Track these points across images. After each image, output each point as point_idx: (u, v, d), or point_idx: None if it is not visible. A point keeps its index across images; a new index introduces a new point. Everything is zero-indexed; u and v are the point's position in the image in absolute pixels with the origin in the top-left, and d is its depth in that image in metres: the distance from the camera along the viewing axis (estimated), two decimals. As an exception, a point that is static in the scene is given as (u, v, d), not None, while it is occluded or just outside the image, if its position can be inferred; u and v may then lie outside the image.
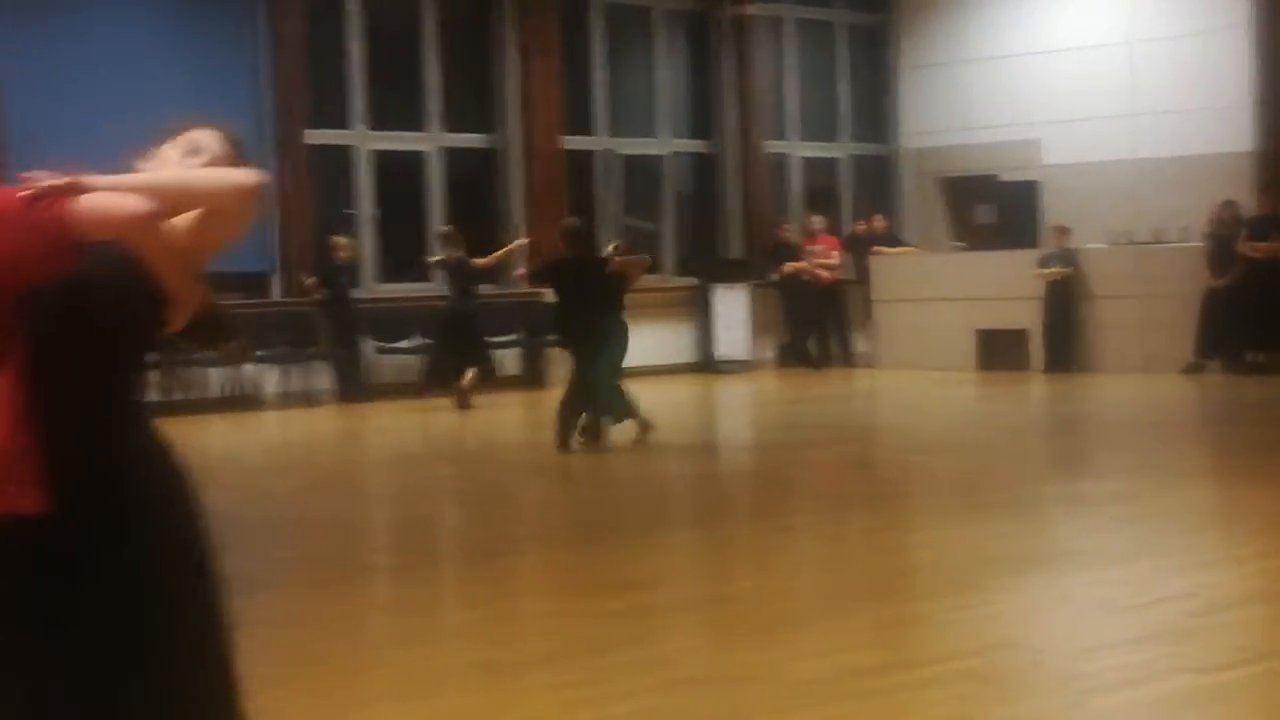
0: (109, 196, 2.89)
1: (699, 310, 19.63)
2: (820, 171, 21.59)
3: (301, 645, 5.87)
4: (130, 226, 2.89)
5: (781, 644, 5.80)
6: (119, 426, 3.01)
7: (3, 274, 2.81)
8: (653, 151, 20.19)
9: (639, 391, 12.35)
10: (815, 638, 5.88)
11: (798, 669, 5.36)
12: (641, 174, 20.13)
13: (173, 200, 2.98)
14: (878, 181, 21.78)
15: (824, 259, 19.60)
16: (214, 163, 3.26)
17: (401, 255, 18.56)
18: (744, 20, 20.48)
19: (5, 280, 2.81)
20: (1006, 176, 20.14)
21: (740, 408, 17.05)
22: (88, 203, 2.86)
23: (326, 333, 17.31)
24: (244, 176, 3.15)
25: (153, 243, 2.93)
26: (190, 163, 3.28)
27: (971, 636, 5.90)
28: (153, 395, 16.17)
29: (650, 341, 19.47)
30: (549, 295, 13.72)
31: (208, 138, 3.37)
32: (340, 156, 18.11)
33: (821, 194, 21.45)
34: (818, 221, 19.98)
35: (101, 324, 2.95)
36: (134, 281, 2.95)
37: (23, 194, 2.86)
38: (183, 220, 3.02)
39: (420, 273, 17.82)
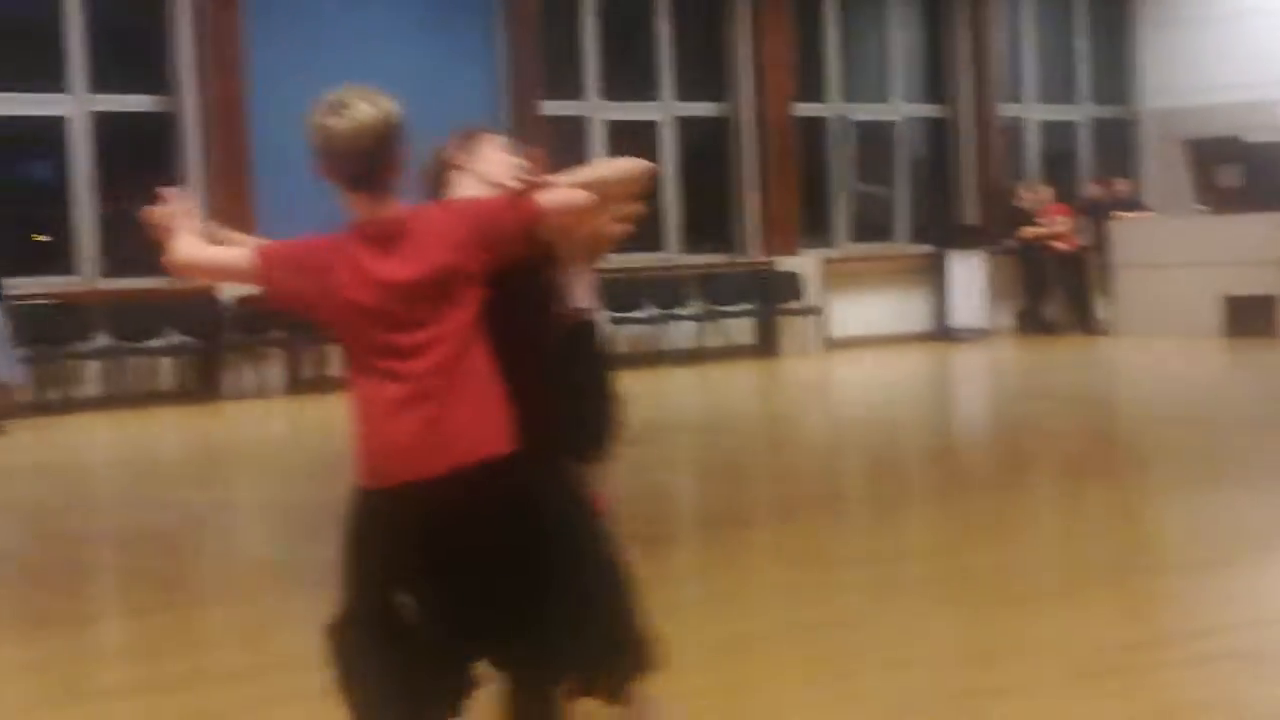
0: (566, 192, 3.83)
1: (934, 278, 19.42)
2: (1058, 135, 21.19)
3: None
4: (582, 214, 3.92)
5: (1029, 619, 5.72)
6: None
7: (494, 250, 3.71)
8: (886, 117, 20.01)
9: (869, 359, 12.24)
10: (1063, 613, 5.79)
11: (1048, 645, 5.28)
12: (874, 140, 19.96)
13: (600, 190, 3.94)
14: (1117, 144, 21.31)
15: (1058, 229, 19.31)
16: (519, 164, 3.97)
17: (638, 225, 18.65)
18: (979, -18, 20.18)
19: (495, 255, 3.71)
20: (1252, 137, 19.53)
21: (977, 377, 16.83)
22: (552, 197, 3.78)
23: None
24: (643, 164, 4.21)
25: (587, 224, 4.02)
26: (510, 160, 4.08)
27: (1229, 612, 5.75)
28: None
29: (884, 310, 19.38)
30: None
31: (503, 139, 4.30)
32: (574, 127, 18.27)
33: (1059, 158, 21.07)
34: (1044, 192, 19.66)
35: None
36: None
37: (509, 187, 3.79)
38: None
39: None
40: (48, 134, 15.67)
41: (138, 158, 16.56)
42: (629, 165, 4.17)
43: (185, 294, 15.73)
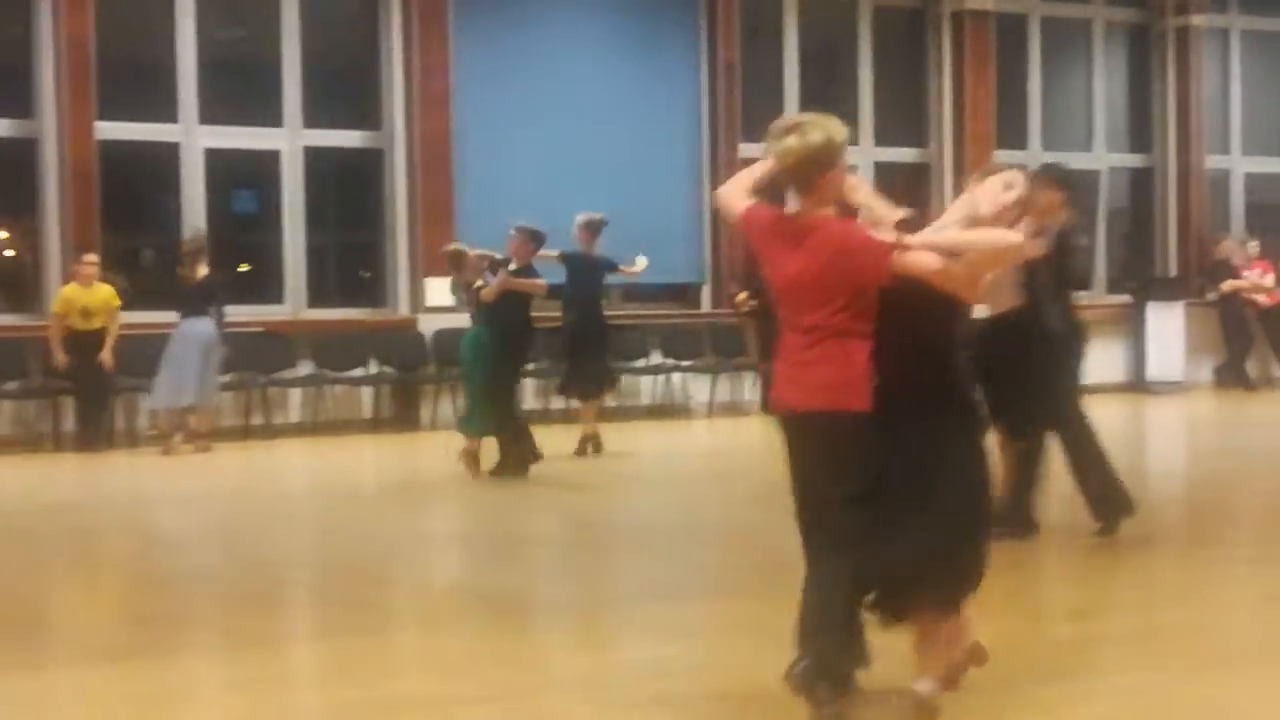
0: (919, 256, 4.90)
1: (1132, 328, 19.12)
2: (1266, 187, 20.76)
3: (738, 654, 5.99)
4: (929, 277, 4.90)
5: (1235, 683, 5.62)
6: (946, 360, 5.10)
7: (853, 278, 4.89)
8: (1087, 165, 19.79)
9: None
10: (1259, 678, 5.69)
11: (1241, 713, 5.20)
12: (1076, 188, 19.72)
13: (963, 253, 4.92)
14: (1327, 198, 20.84)
15: (1261, 282, 18.94)
16: (1019, 201, 5.23)
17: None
18: (1187, 31, 19.87)
19: (867, 282, 4.89)
20: None
21: (1173, 431, 16.54)
22: (907, 257, 4.89)
23: (754, 344, 17.57)
24: (1013, 238, 5.14)
25: (940, 279, 4.91)
26: (1004, 197, 5.18)
27: None
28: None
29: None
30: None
31: (1018, 178, 5.26)
32: (773, 170, 18.37)
33: (1264, 211, 20.64)
34: (1252, 247, 19.30)
35: (907, 308, 4.91)
36: (927, 290, 4.95)
37: (875, 240, 4.94)
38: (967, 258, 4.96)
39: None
40: (261, 167, 16.15)
41: (346, 191, 17.00)
42: (999, 240, 5.10)
43: (387, 325, 16.11)
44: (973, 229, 5.08)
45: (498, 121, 16.62)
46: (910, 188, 18.87)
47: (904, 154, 18.88)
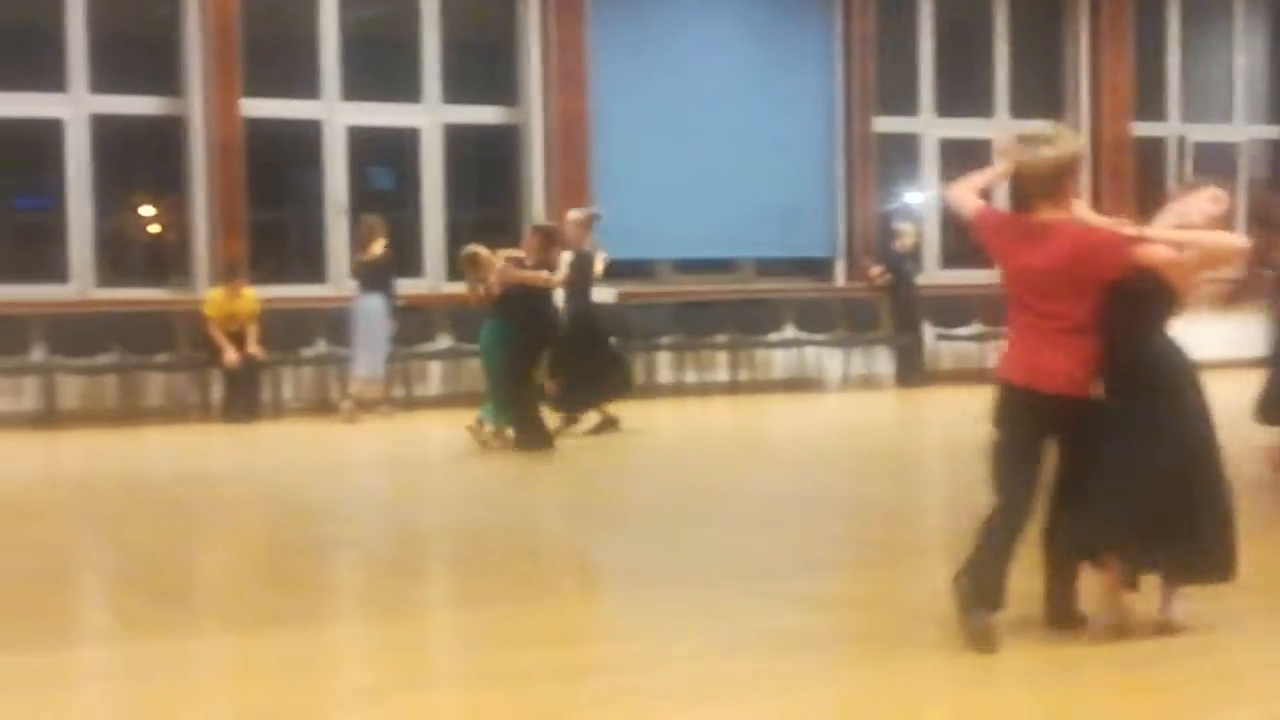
0: (1157, 247, 5.53)
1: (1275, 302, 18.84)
2: None
3: (860, 624, 6.07)
4: (1160, 268, 5.51)
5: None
6: (1149, 348, 5.65)
7: (1091, 272, 5.51)
8: (1227, 138, 19.53)
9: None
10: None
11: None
12: (1213, 161, 19.47)
13: (1190, 250, 5.54)
14: None
15: None
16: (1219, 214, 5.67)
17: (961, 243, 18.64)
18: (1331, 0, 19.56)
19: (1109, 274, 5.51)
20: None
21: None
22: (1142, 250, 5.51)
23: (888, 318, 17.59)
24: (1237, 242, 5.85)
25: (1171, 272, 5.53)
26: (1212, 210, 5.68)
27: None
28: (722, 375, 16.92)
29: (1220, 334, 18.87)
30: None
31: (1223, 195, 5.74)
32: (906, 144, 18.34)
33: None
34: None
35: (1135, 300, 5.55)
36: (1152, 282, 5.57)
37: (1117, 233, 5.59)
38: (1188, 253, 5.58)
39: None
40: (401, 144, 16.41)
41: (484, 169, 17.22)
42: (1226, 241, 5.75)
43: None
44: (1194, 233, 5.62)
45: (632, 97, 16.76)
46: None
47: (1040, 126, 18.72)
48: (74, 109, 15.02)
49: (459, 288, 16.11)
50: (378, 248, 14.59)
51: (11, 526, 8.90)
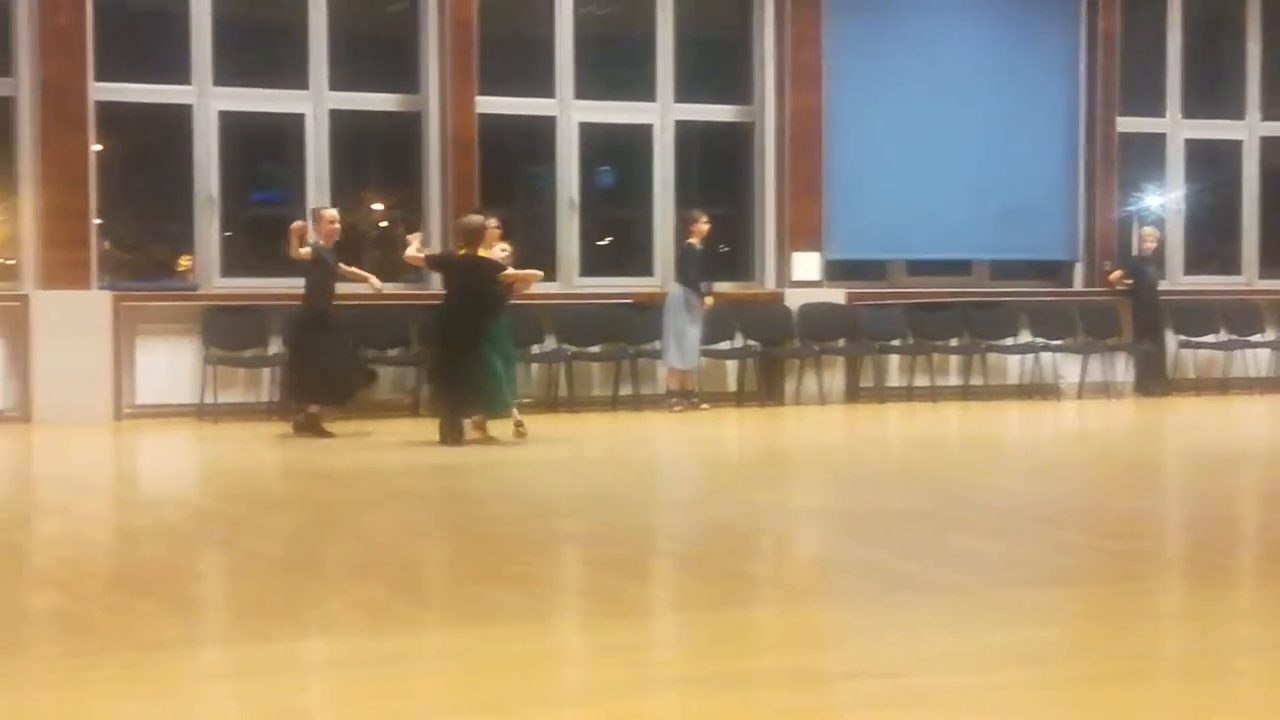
0: None
1: None
2: None
3: (1101, 640, 5.85)
4: None
5: None
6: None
7: None
8: None
9: None
10: None
11: None
12: None
13: None
14: None
15: None
16: None
17: (1206, 248, 18.13)
18: None
19: None
20: None
21: None
22: None
23: (1129, 324, 17.11)
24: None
25: None
26: None
27: None
28: (954, 380, 16.61)
29: None
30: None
31: None
32: (1150, 144, 17.84)
33: None
34: None
35: None
36: None
37: None
38: None
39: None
40: (632, 141, 16.42)
41: (712, 166, 17.16)
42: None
43: (756, 299, 16.22)
44: None
45: (867, 94, 16.55)
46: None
47: (1292, 128, 18.11)
48: (314, 105, 15.29)
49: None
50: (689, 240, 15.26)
51: (253, 516, 9.04)
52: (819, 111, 16.32)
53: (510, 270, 12.76)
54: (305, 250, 13.06)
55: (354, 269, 13.72)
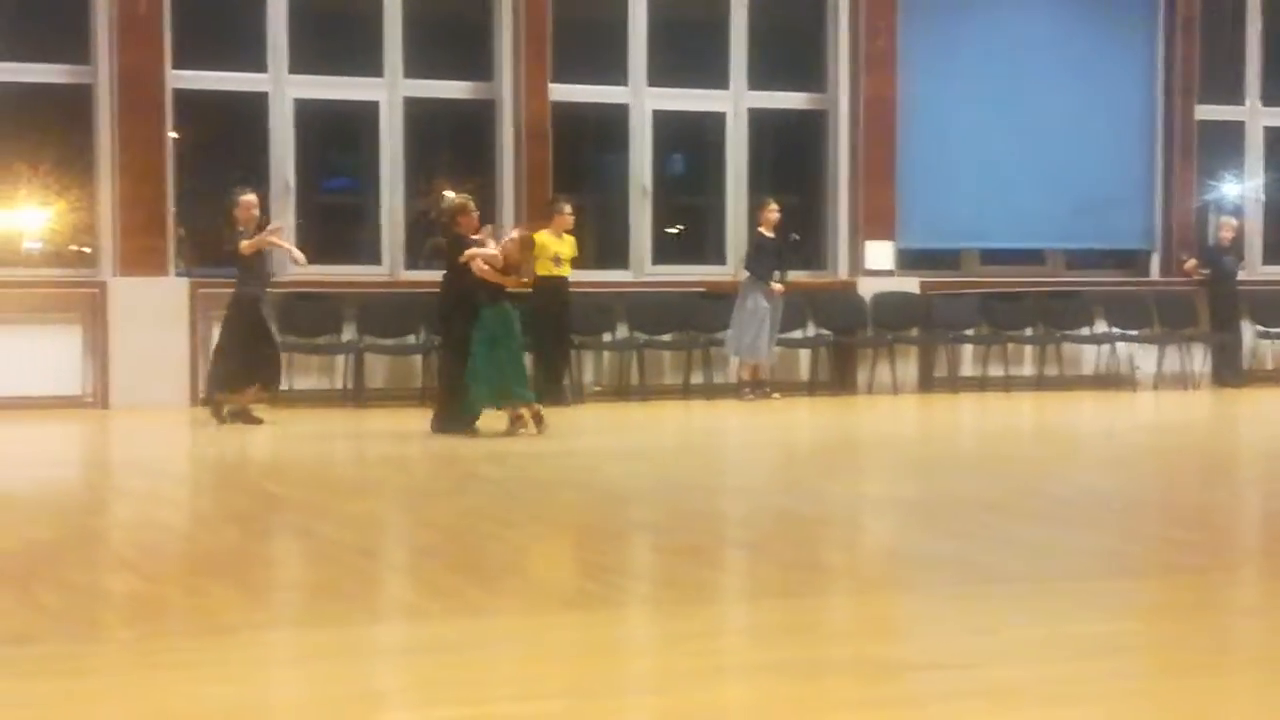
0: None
1: None
2: None
3: (1186, 632, 5.79)
4: None
5: None
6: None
7: None
8: None
9: None
10: None
11: None
12: None
13: None
14: None
15: None
16: None
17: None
18: None
19: None
20: None
21: None
22: None
23: (1206, 314, 16.94)
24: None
25: None
26: None
27: None
28: (1028, 370, 16.49)
29: None
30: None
31: None
32: (1229, 132, 17.65)
33: None
34: None
35: None
36: None
37: None
38: None
39: None
40: (703, 128, 16.41)
41: (784, 153, 17.11)
42: None
43: (829, 288, 16.17)
44: None
45: (942, 82, 16.46)
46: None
47: (1375, 116, 17.88)
48: (389, 92, 15.35)
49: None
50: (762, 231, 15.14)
51: (326, 501, 9.09)
52: (893, 99, 16.24)
53: (470, 250, 11.93)
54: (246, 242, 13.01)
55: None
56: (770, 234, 15.27)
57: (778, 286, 15.17)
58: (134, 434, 12.82)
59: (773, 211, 15.24)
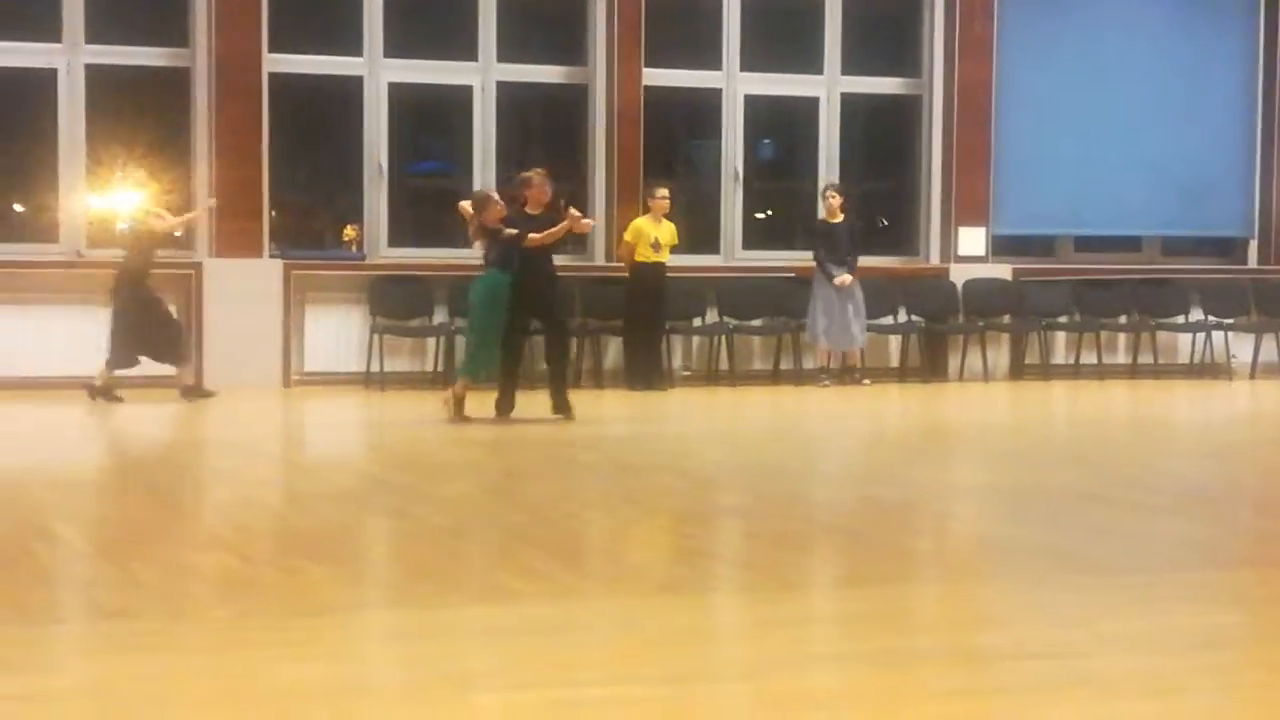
0: None
1: None
2: None
3: (1272, 623, 5.73)
4: None
5: None
6: None
7: None
8: None
9: None
10: None
11: None
12: None
13: None
14: None
15: None
16: None
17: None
18: None
19: None
20: None
21: None
22: None
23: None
24: None
25: None
26: None
27: None
28: (1122, 358, 16.34)
29: None
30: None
31: None
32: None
33: None
34: None
35: None
36: None
37: None
38: None
39: None
40: (796, 113, 16.36)
41: (877, 138, 17.03)
42: None
43: (917, 273, 16.09)
44: None
45: (1038, 68, 16.32)
46: None
47: None
48: (482, 76, 15.41)
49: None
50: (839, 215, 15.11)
51: (420, 483, 9.15)
52: (989, 84, 16.12)
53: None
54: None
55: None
56: (834, 220, 15.11)
57: (843, 279, 14.96)
58: (228, 414, 12.96)
59: (832, 198, 15.12)
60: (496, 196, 12.08)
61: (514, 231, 11.66)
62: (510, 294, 11.71)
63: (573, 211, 12.08)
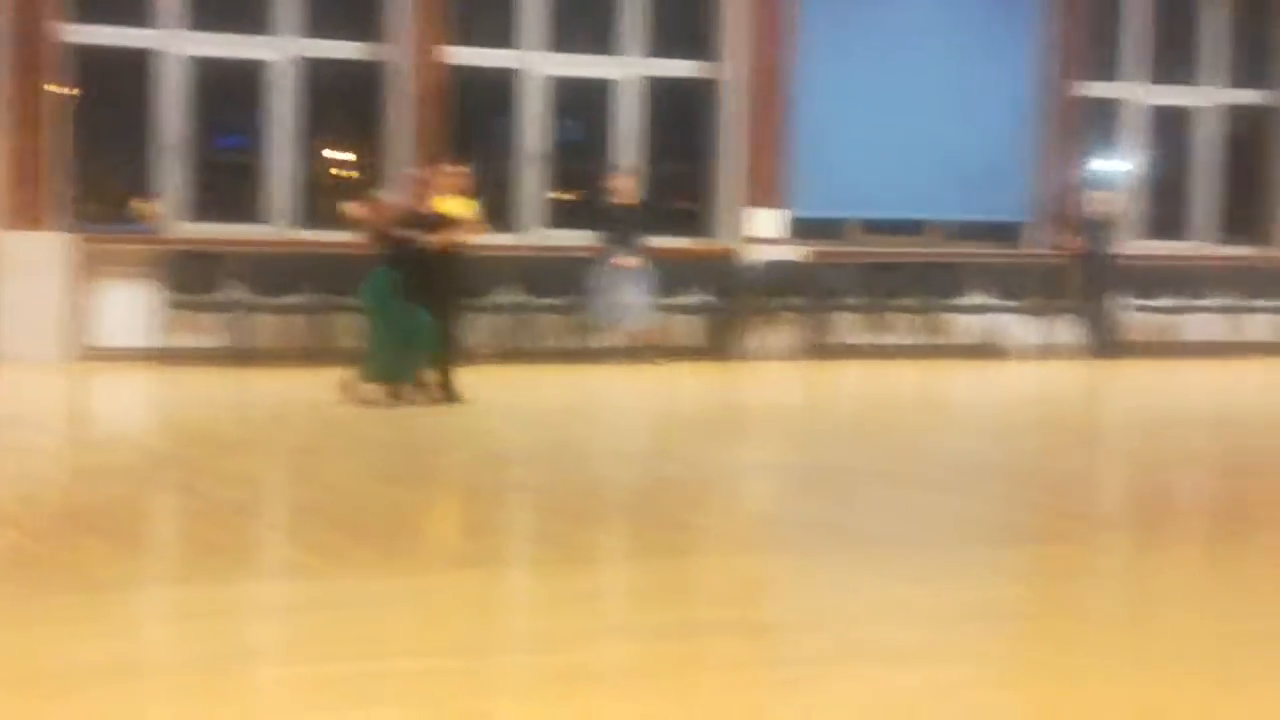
0: None
1: None
2: None
3: (1063, 599, 5.95)
4: None
5: None
6: None
7: None
8: None
9: None
10: None
11: None
12: None
13: None
14: None
15: None
16: None
17: (1166, 212, 18.28)
18: None
19: None
20: None
21: None
22: None
23: (1079, 286, 17.22)
24: None
25: None
26: None
27: None
28: (907, 338, 16.72)
29: None
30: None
31: None
32: (1111, 110, 17.97)
33: None
34: None
35: None
36: None
37: None
38: None
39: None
40: (593, 96, 16.43)
41: (678, 122, 17.17)
42: None
43: (711, 255, 16.28)
44: None
45: (831, 53, 16.57)
46: (1254, 132, 18.23)
47: (1247, 96, 18.26)
48: (282, 51, 15.26)
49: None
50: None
51: (209, 459, 9.09)
52: (785, 70, 16.35)
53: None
54: None
55: None
56: (621, 203, 15.25)
57: (625, 260, 15.14)
58: (15, 388, 12.70)
59: (621, 181, 15.30)
60: (385, 198, 12.14)
61: (415, 234, 11.62)
62: (402, 288, 11.65)
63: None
